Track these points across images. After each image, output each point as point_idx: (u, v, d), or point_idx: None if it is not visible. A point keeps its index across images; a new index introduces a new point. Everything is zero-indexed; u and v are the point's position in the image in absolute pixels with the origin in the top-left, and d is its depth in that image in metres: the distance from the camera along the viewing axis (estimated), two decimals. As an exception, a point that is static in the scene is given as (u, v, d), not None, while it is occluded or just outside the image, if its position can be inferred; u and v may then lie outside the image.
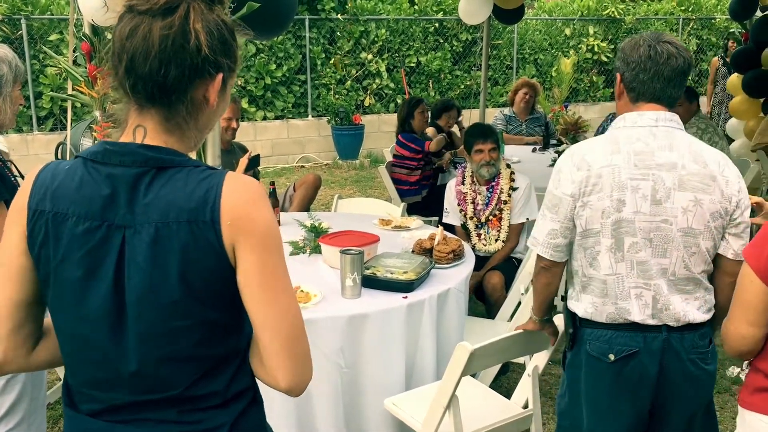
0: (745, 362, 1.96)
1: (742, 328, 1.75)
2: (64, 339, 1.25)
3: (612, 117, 6.68)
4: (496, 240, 3.93)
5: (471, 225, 3.98)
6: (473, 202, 3.96)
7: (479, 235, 3.96)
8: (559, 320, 2.32)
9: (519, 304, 3.28)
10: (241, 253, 1.15)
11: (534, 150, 6.13)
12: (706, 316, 1.99)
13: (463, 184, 4.02)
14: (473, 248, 3.93)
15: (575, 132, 10.01)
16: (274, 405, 2.42)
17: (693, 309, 1.96)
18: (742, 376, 1.95)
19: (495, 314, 3.60)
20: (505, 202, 3.90)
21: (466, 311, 3.11)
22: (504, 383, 3.50)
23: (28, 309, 1.25)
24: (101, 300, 1.17)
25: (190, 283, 1.14)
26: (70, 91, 5.24)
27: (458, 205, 4.01)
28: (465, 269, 2.99)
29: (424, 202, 5.36)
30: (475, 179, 3.97)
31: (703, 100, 9.60)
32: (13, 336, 1.25)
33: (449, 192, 4.08)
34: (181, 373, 1.20)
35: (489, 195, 3.94)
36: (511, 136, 6.38)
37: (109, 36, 4.65)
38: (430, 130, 5.51)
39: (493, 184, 3.94)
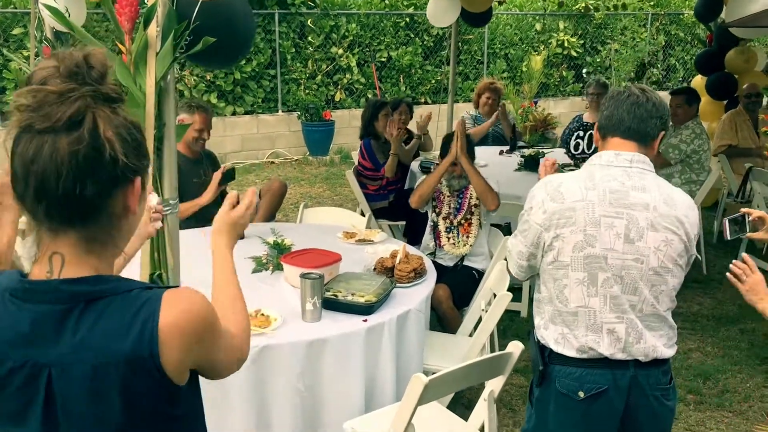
0: None
1: None
2: None
3: (578, 119, 6.76)
4: (465, 244, 3.98)
5: (442, 226, 4.02)
6: (448, 205, 4.00)
7: (449, 238, 4.00)
8: (513, 347, 2.37)
9: (480, 319, 3.32)
10: (193, 363, 1.19)
11: (501, 153, 6.18)
12: (671, 352, 2.06)
13: (441, 183, 4.04)
14: (441, 248, 3.98)
15: (544, 129, 10.10)
16: (235, 426, 2.45)
17: (660, 345, 2.03)
18: None
19: (447, 325, 3.66)
20: (476, 206, 3.95)
21: (427, 327, 3.15)
22: (466, 393, 3.55)
23: None
24: None
25: (133, 413, 1.12)
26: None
27: (434, 200, 4.04)
28: (426, 288, 3.02)
29: (392, 207, 5.38)
30: (450, 186, 4.01)
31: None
32: None
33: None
34: None
35: (460, 201, 3.98)
36: (477, 128, 6.39)
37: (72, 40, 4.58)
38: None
39: (463, 190, 3.99)
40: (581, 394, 2.00)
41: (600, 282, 1.96)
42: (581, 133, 5.98)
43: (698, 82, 7.42)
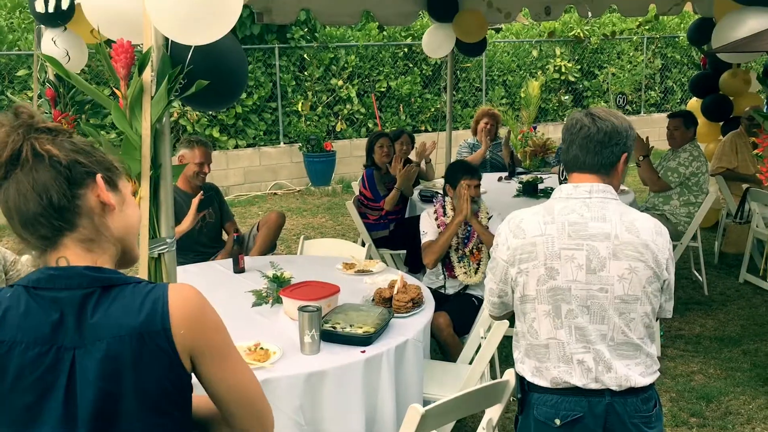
0: None
1: None
2: None
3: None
4: (476, 272, 4.01)
5: (454, 257, 4.04)
6: (456, 235, 4.03)
7: (461, 267, 4.03)
8: (509, 375, 2.39)
9: (479, 346, 3.34)
10: (200, 357, 1.27)
11: (500, 179, 6.23)
12: (648, 380, 2.04)
13: (444, 215, 4.08)
14: (455, 278, 4.01)
15: (544, 153, 10.15)
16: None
17: (635, 374, 2.02)
18: None
19: (448, 353, 3.68)
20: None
21: (427, 356, 3.17)
22: (469, 420, 3.55)
23: None
24: (54, 422, 1.21)
25: (143, 390, 1.22)
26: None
27: (441, 234, 4.07)
28: (424, 317, 3.05)
29: (392, 235, 5.42)
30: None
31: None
32: None
33: (428, 219, 4.12)
34: None
35: (469, 229, 4.01)
36: (473, 156, 6.48)
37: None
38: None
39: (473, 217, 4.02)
40: (557, 422, 2.02)
41: (564, 313, 2.00)
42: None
43: (694, 104, 7.49)
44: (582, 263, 1.97)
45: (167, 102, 2.11)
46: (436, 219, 4.11)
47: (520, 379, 2.13)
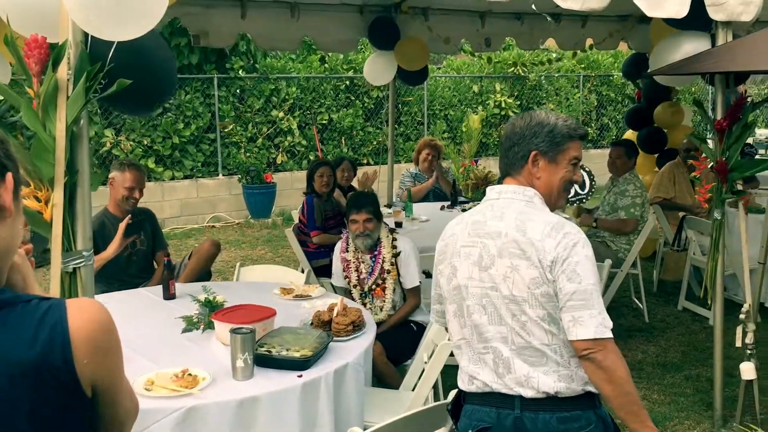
0: None
1: None
2: None
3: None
4: (381, 309, 3.84)
5: (356, 293, 3.87)
6: (357, 270, 3.87)
7: (364, 305, 3.82)
8: (453, 395, 2.27)
9: (422, 372, 3.21)
10: (100, 385, 1.11)
11: (442, 208, 6.19)
12: (563, 386, 1.88)
13: (347, 251, 3.94)
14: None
15: (485, 186, 10.25)
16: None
17: (543, 377, 1.87)
18: None
19: (383, 382, 3.54)
20: (389, 271, 3.82)
21: (368, 383, 3.03)
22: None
23: None
24: None
25: (42, 428, 1.04)
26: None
27: (343, 271, 3.93)
28: (365, 341, 2.92)
29: (333, 265, 5.27)
30: (357, 247, 3.89)
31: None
32: None
33: (335, 256, 4.00)
34: None
35: (372, 264, 3.85)
36: (418, 187, 6.46)
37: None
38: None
39: (376, 252, 3.87)
40: None
41: (465, 312, 1.99)
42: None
43: (629, 136, 7.64)
44: (476, 260, 1.96)
45: (85, 101, 1.94)
46: (340, 254, 3.97)
47: (459, 391, 2.10)
